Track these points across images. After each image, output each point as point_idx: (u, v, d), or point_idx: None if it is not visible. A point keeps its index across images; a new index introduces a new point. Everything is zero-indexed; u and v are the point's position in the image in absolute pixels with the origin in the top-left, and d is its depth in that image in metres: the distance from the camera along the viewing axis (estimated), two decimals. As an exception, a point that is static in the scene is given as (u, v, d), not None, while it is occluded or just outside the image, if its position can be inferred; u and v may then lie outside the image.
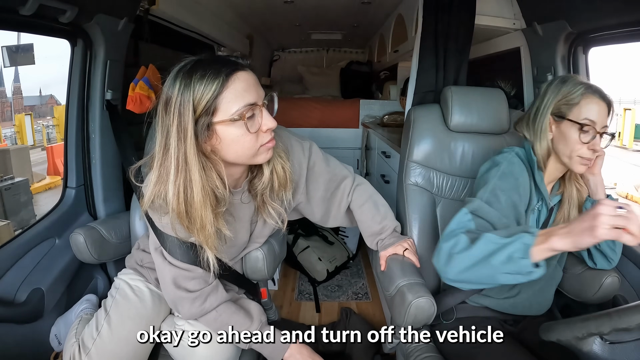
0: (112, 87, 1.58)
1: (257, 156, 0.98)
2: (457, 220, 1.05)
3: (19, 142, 11.08)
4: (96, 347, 1.12)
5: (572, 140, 1.07)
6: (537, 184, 1.14)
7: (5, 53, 7.98)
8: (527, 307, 1.20)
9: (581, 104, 1.06)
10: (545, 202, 1.16)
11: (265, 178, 1.07)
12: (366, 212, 1.30)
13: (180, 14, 2.04)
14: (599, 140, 1.06)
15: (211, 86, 0.88)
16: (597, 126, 1.05)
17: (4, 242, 1.36)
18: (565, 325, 0.83)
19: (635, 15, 1.14)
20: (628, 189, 7.96)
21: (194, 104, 0.89)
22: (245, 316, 1.14)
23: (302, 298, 2.40)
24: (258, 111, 0.94)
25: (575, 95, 1.07)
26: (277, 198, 1.13)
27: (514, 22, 1.68)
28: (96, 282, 1.62)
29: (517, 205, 1.10)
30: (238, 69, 0.92)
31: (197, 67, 0.90)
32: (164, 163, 0.93)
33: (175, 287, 1.09)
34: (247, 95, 0.91)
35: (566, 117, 1.08)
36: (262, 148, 0.97)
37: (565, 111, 1.09)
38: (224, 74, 0.90)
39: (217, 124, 0.91)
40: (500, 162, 1.13)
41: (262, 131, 0.95)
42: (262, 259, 1.23)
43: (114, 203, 1.68)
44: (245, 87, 0.92)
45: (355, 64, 4.61)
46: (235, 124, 0.92)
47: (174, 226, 0.99)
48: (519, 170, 1.12)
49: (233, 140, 0.93)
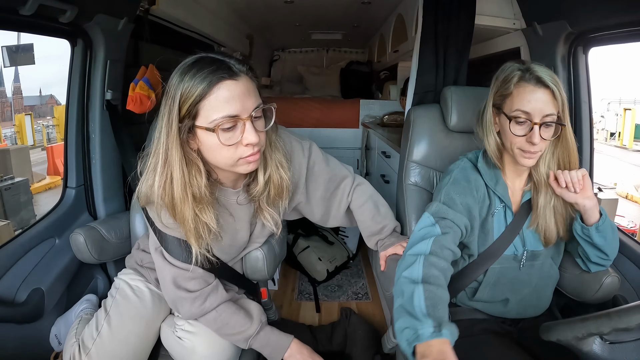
0: (112, 87, 1.58)
1: (236, 167, 0.97)
2: (421, 225, 1.08)
3: (19, 142, 11.10)
4: (96, 347, 1.12)
5: (508, 133, 1.04)
6: (490, 187, 1.14)
7: (5, 53, 8.00)
8: (522, 310, 1.20)
9: (514, 95, 1.03)
10: (506, 203, 1.14)
11: (260, 187, 1.07)
12: (366, 212, 1.30)
13: (180, 14, 2.04)
14: (538, 132, 1.00)
15: (196, 89, 0.88)
16: (533, 117, 1.00)
17: (4, 242, 1.36)
18: (565, 325, 0.83)
19: (635, 15, 1.14)
20: (628, 189, 7.97)
21: (180, 103, 0.90)
22: (245, 316, 1.14)
23: (302, 298, 2.40)
24: (241, 124, 0.91)
25: (509, 84, 1.03)
26: (274, 205, 1.14)
27: (514, 22, 1.68)
28: (96, 282, 1.62)
29: (471, 209, 1.11)
30: (227, 77, 0.89)
31: (194, 65, 0.91)
32: (156, 151, 0.95)
33: (175, 287, 1.09)
34: (227, 106, 0.89)
35: (501, 110, 1.05)
36: (242, 160, 0.95)
37: (501, 103, 1.06)
38: (209, 80, 0.88)
39: (198, 128, 0.92)
40: (452, 170, 1.17)
41: (242, 144, 0.93)
42: (262, 259, 1.23)
43: (114, 203, 1.68)
44: (229, 97, 0.89)
45: (355, 64, 4.60)
46: (212, 133, 0.91)
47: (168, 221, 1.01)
48: (471, 174, 1.14)
49: (210, 147, 0.94)
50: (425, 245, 1.02)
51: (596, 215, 1.06)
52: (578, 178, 1.04)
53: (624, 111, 12.69)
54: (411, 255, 1.01)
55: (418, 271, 0.95)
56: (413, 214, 1.41)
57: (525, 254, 1.14)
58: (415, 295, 0.90)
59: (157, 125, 0.95)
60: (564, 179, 1.06)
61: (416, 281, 0.93)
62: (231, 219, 1.11)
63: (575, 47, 1.46)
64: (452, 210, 1.08)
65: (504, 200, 1.14)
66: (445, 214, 1.08)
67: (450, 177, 1.14)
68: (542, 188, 1.12)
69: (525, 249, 1.14)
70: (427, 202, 1.41)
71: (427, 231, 1.05)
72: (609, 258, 1.11)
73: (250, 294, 1.29)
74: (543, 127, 1.01)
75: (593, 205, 1.05)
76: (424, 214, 1.10)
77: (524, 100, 1.01)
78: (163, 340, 1.22)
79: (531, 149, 1.02)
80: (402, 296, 0.92)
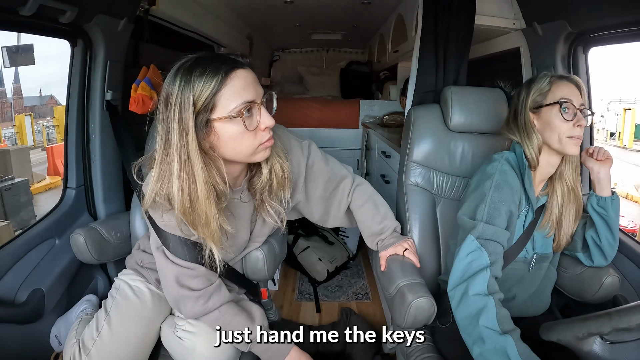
0: (112, 87, 1.58)
1: (255, 155, 0.98)
2: (466, 250, 1.05)
3: (19, 143, 11.09)
4: (96, 348, 1.12)
5: (556, 123, 1.10)
6: (525, 188, 1.14)
7: (5, 53, 8.00)
8: (524, 309, 1.21)
9: (552, 89, 1.11)
10: (531, 205, 1.16)
11: (264, 177, 1.07)
12: (366, 212, 1.30)
13: (180, 14, 2.04)
14: (581, 115, 1.09)
15: (210, 83, 0.89)
16: (575, 103, 1.09)
17: (4, 242, 1.36)
18: (565, 325, 0.83)
19: (635, 14, 1.14)
20: (628, 189, 7.97)
21: (194, 100, 0.89)
22: (247, 319, 1.14)
23: (302, 298, 2.40)
24: (256, 109, 0.94)
25: (544, 84, 1.13)
26: (276, 197, 1.13)
27: (514, 22, 1.68)
28: (96, 283, 1.61)
29: (512, 216, 1.10)
30: (237, 66, 0.92)
31: (197, 64, 0.91)
32: (166, 159, 0.93)
33: (178, 286, 1.09)
34: (245, 93, 0.92)
35: (543, 105, 1.12)
36: (261, 147, 0.97)
37: (541, 100, 1.13)
38: (223, 71, 0.90)
39: (216, 121, 0.92)
40: (492, 173, 1.13)
41: (261, 129, 0.95)
42: (263, 259, 1.23)
43: (114, 203, 1.68)
44: (244, 84, 0.92)
45: (355, 64, 4.60)
46: (233, 121, 0.92)
47: (178, 224, 1.00)
48: (511, 177, 1.13)
49: (231, 137, 0.94)
50: (482, 281, 1.01)
51: (608, 190, 1.14)
52: (603, 150, 1.16)
53: (624, 111, 12.68)
54: (476, 296, 1.00)
55: (493, 318, 0.96)
56: (413, 214, 1.41)
57: (535, 257, 1.16)
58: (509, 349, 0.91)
59: (160, 131, 0.94)
60: (592, 148, 1.17)
61: (501, 332, 0.94)
62: (232, 217, 1.11)
63: (575, 47, 1.46)
64: (495, 227, 1.06)
65: (531, 202, 1.15)
66: (491, 235, 1.06)
67: (493, 182, 1.11)
68: (566, 193, 1.18)
69: (534, 252, 1.17)
70: (427, 202, 1.42)
71: (474, 258, 1.04)
72: (614, 245, 1.15)
73: (250, 294, 1.29)
74: (579, 113, 1.10)
75: (607, 178, 1.14)
76: (468, 237, 1.06)
77: (565, 90, 1.10)
78: (163, 340, 1.22)
79: (580, 133, 1.09)
80: (485, 344, 0.94)
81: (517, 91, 1.19)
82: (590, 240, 1.17)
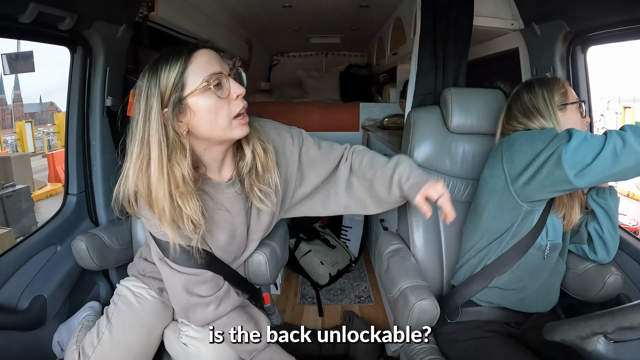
0: (112, 93, 1.59)
1: (232, 130, 0.99)
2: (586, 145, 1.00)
3: (19, 150, 11.12)
4: (96, 355, 1.12)
5: (577, 119, 1.20)
6: None
7: (5, 60, 8.02)
8: (534, 302, 1.20)
9: (567, 89, 1.22)
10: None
11: (248, 159, 1.08)
12: (369, 162, 1.22)
13: (179, 19, 2.05)
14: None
15: (175, 65, 0.94)
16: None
17: (5, 249, 1.36)
18: (568, 325, 0.82)
19: (633, 13, 1.15)
20: (629, 188, 7.96)
21: (161, 85, 0.93)
22: (254, 328, 1.13)
23: (304, 302, 2.40)
24: (225, 79, 0.97)
25: (560, 85, 1.22)
26: (264, 182, 1.11)
27: (512, 22, 1.68)
28: (98, 289, 1.61)
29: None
30: (199, 47, 0.98)
31: (161, 56, 0.96)
32: (132, 141, 0.95)
33: (187, 294, 1.08)
34: (210, 66, 0.96)
35: (568, 103, 1.20)
36: (235, 122, 0.99)
37: (564, 99, 1.21)
38: (185, 52, 0.95)
39: (188, 97, 0.94)
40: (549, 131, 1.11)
41: (233, 98, 0.98)
42: (265, 263, 1.22)
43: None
44: (208, 59, 0.96)
45: (355, 67, 4.60)
46: (205, 94, 0.95)
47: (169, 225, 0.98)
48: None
49: (205, 110, 0.96)
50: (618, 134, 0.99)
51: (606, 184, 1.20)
52: None
53: (624, 109, 12.68)
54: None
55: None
56: (414, 216, 1.41)
57: (549, 245, 1.16)
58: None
59: (132, 120, 0.96)
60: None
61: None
62: (228, 215, 1.10)
63: (574, 46, 1.46)
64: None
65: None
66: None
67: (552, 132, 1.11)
68: None
69: (548, 240, 1.16)
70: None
71: (592, 140, 1.00)
72: (615, 237, 1.18)
73: (252, 299, 1.28)
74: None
75: None
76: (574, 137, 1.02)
77: (574, 92, 1.23)
78: (167, 346, 1.21)
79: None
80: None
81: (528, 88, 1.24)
82: (593, 231, 1.20)
